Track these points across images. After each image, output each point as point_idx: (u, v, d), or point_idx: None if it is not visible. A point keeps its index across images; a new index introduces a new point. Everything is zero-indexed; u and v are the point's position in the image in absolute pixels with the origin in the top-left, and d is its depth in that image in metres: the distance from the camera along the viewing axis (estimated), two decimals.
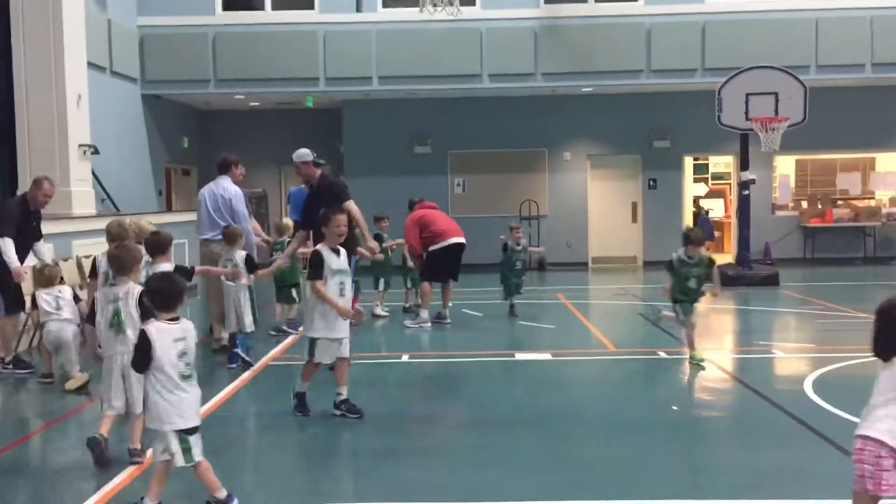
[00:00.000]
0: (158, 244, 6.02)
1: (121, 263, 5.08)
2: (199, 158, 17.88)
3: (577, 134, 17.29)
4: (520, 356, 8.30)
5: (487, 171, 17.44)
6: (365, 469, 5.17)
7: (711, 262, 7.76)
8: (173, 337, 4.03)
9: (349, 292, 6.00)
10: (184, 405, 4.02)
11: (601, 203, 17.58)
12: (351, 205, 7.48)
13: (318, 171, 7.89)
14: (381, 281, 10.97)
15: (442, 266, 10.28)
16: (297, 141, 17.04)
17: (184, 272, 6.13)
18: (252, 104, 17.53)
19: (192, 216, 10.72)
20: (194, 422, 4.07)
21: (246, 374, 7.46)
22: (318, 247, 5.93)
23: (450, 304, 10.42)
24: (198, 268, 7.44)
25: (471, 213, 16.20)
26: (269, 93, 16.01)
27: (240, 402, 6.77)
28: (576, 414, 6.23)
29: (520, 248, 10.90)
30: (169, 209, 16.56)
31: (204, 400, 4.69)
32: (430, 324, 10.09)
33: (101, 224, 7.44)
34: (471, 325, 10.37)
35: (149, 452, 4.63)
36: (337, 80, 15.60)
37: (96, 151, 12.10)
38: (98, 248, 7.10)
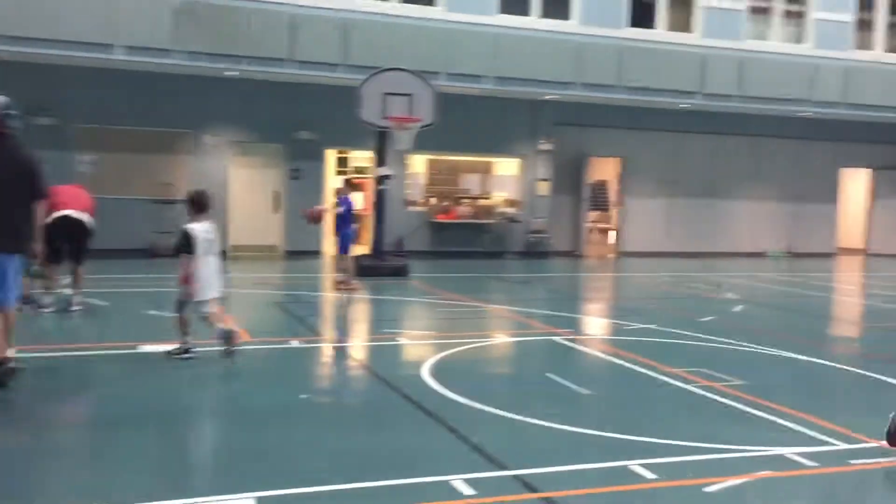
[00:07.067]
0: None
1: None
2: None
3: (221, 118, 16.87)
4: (144, 348, 7.86)
5: (122, 149, 16.32)
6: None
7: None
8: None
9: None
10: None
11: (243, 190, 17.35)
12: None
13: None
14: None
15: (54, 242, 9.41)
16: None
17: None
18: None
19: None
20: None
21: None
22: None
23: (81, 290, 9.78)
24: None
25: (102, 193, 14.90)
26: None
27: None
28: (202, 407, 6.06)
29: None
30: None
31: None
32: (52, 309, 9.30)
33: None
34: (94, 314, 9.62)
35: None
36: None
37: None
38: None
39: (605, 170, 22.33)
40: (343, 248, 12.70)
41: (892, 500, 4.81)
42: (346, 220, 12.74)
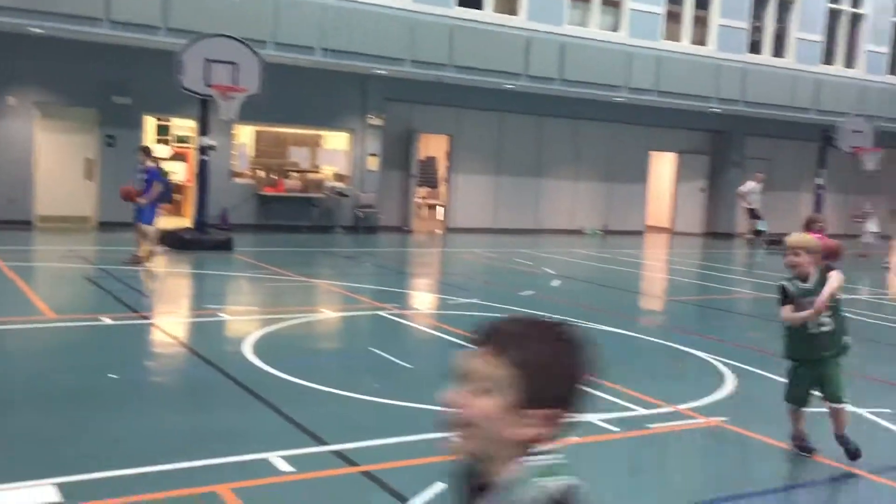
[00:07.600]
0: None
1: None
2: None
3: (25, 78, 15.58)
4: None
5: None
6: None
7: None
8: None
9: None
10: None
11: (51, 157, 16.15)
12: None
13: None
14: None
15: None
16: None
17: None
18: None
19: None
20: None
21: None
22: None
23: None
24: None
25: None
26: None
27: None
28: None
29: None
30: None
31: None
32: None
33: None
34: None
35: None
36: None
37: None
38: None
39: (434, 146, 22.65)
40: (146, 218, 11.76)
41: (683, 458, 5.24)
42: (148, 191, 11.79)
